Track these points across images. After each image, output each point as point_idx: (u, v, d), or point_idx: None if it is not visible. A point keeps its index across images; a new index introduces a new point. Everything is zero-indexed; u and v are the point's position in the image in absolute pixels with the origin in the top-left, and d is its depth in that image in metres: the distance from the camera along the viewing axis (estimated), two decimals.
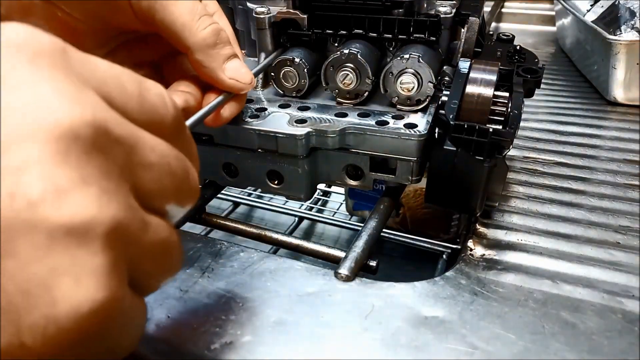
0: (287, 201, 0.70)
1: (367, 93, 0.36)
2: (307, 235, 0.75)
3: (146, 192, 0.17)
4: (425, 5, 0.37)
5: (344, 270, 0.31)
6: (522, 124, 0.52)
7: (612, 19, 0.58)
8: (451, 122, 0.30)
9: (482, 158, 0.30)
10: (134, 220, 0.16)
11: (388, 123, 0.34)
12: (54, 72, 0.15)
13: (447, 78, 0.36)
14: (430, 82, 0.34)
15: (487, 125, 0.30)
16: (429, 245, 0.55)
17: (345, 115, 0.35)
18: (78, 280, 0.14)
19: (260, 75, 0.40)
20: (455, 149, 0.30)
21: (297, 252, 0.36)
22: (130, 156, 0.16)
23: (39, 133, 0.14)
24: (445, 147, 0.31)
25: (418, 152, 0.33)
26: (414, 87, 0.34)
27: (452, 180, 0.32)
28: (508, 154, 0.47)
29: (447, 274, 0.32)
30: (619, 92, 0.55)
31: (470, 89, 0.31)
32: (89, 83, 0.16)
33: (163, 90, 0.20)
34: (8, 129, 0.14)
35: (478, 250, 0.34)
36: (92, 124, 0.15)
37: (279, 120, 0.34)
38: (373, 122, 0.34)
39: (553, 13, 0.79)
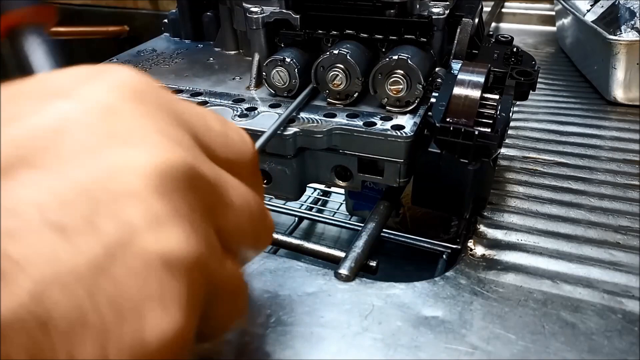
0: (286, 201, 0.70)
1: (357, 94, 0.36)
2: (307, 235, 0.75)
3: (225, 232, 0.18)
4: (418, 6, 0.37)
5: (344, 270, 0.31)
6: (522, 124, 0.52)
7: (612, 19, 0.58)
8: (436, 124, 0.30)
9: (467, 161, 0.30)
10: (214, 259, 0.16)
11: (376, 124, 0.33)
12: (154, 112, 0.16)
13: (439, 80, 0.36)
14: (419, 83, 0.34)
15: (474, 128, 0.30)
16: (429, 245, 0.55)
17: (334, 115, 0.35)
18: (166, 308, 0.14)
19: (254, 75, 0.40)
20: (440, 151, 0.30)
21: (297, 252, 0.36)
22: (215, 196, 0.17)
23: (143, 166, 0.15)
24: (429, 149, 0.30)
25: (405, 153, 0.33)
26: (403, 89, 0.34)
27: (438, 183, 0.31)
28: (507, 154, 0.47)
29: (447, 274, 0.32)
30: (619, 92, 0.55)
31: (457, 90, 0.31)
32: (182, 124, 0.17)
33: (240, 128, 0.21)
34: (117, 158, 0.15)
35: (478, 250, 0.34)
36: (187, 165, 0.16)
37: (268, 120, 0.34)
38: (361, 123, 0.34)
39: (553, 13, 0.79)
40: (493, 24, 0.84)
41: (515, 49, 0.37)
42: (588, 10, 0.64)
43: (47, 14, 0.23)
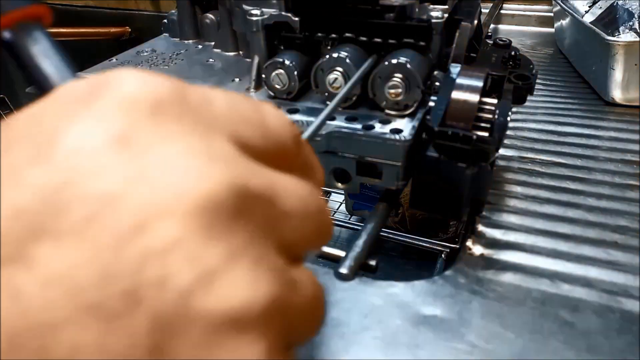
0: None
1: (355, 97, 0.36)
2: None
3: (288, 243, 0.15)
4: (417, 10, 0.37)
5: (344, 269, 0.31)
6: (520, 124, 0.53)
7: (610, 20, 0.58)
8: (435, 128, 0.30)
9: (465, 165, 0.30)
10: (285, 285, 0.14)
11: (374, 127, 0.34)
12: (179, 126, 0.13)
13: (437, 83, 0.36)
14: (418, 87, 0.34)
15: (472, 132, 0.30)
16: (428, 245, 0.55)
17: (333, 118, 0.35)
18: None
19: (254, 77, 0.40)
20: (438, 155, 0.30)
21: None
22: (270, 209, 0.14)
23: (178, 206, 0.12)
24: (427, 153, 0.31)
25: (403, 157, 0.33)
26: (401, 92, 0.34)
27: (435, 186, 0.32)
28: (505, 154, 0.47)
29: (446, 273, 0.32)
30: (617, 93, 0.56)
31: (455, 94, 0.31)
32: (216, 126, 0.14)
33: (278, 110, 0.17)
34: (142, 204, 0.12)
35: (477, 250, 0.34)
36: (232, 186, 0.13)
37: None
38: (359, 126, 0.34)
39: (551, 14, 0.80)
40: (492, 25, 0.84)
41: (513, 53, 0.38)
42: (586, 12, 0.64)
43: (43, 12, 0.21)
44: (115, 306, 0.11)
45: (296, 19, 0.38)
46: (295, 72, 0.36)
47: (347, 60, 0.35)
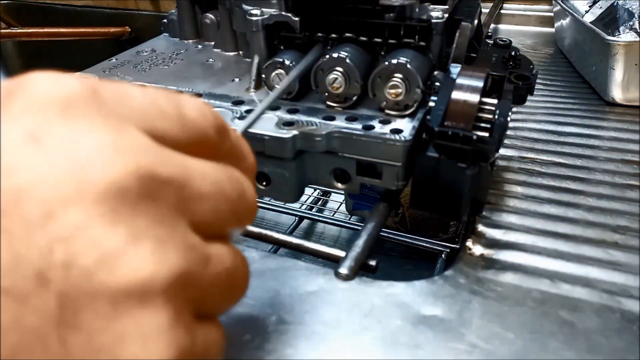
0: None
1: (356, 97, 0.36)
2: (308, 234, 0.75)
3: (203, 223, 0.16)
4: (417, 9, 0.37)
5: (344, 269, 0.31)
6: (520, 124, 0.53)
7: (610, 19, 0.58)
8: (435, 129, 0.30)
9: (465, 165, 0.30)
10: (194, 260, 0.15)
11: (374, 128, 0.34)
12: (89, 121, 0.14)
13: (437, 83, 0.36)
14: (418, 87, 0.34)
15: (472, 132, 0.30)
16: (428, 245, 0.55)
17: (333, 118, 0.35)
18: (145, 344, 0.13)
19: (253, 77, 0.40)
20: (438, 155, 0.30)
21: (297, 252, 0.36)
22: (182, 192, 0.15)
23: (82, 194, 0.13)
24: (427, 153, 0.30)
25: (403, 157, 0.33)
26: (402, 92, 0.34)
27: (435, 187, 0.32)
28: (506, 154, 0.47)
29: (446, 273, 0.32)
30: (617, 93, 0.56)
31: (456, 95, 0.31)
32: (129, 119, 0.15)
33: (198, 100, 0.18)
34: (50, 195, 0.13)
35: (477, 250, 0.34)
36: (137, 173, 0.14)
37: (267, 123, 0.34)
38: (359, 127, 0.34)
39: (552, 14, 0.80)
40: (492, 25, 0.84)
41: (513, 53, 0.38)
42: (587, 11, 0.64)
43: None
44: (26, 287, 0.12)
45: (296, 18, 0.38)
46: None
47: (347, 61, 0.35)
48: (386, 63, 0.34)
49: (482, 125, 0.30)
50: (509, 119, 0.31)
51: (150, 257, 0.14)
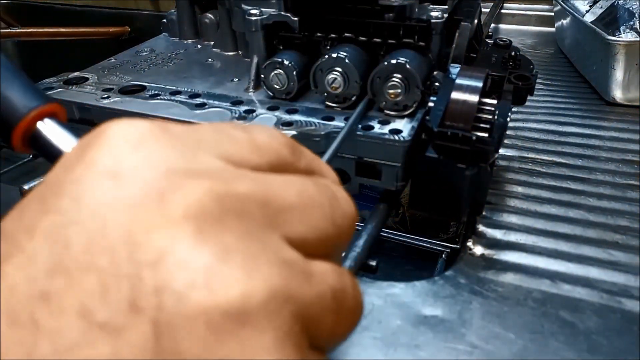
0: None
1: (355, 97, 0.36)
2: None
3: (299, 237, 0.16)
4: (417, 10, 0.37)
5: None
6: (520, 124, 0.53)
7: (611, 19, 0.58)
8: (434, 129, 0.30)
9: (464, 166, 0.30)
10: (292, 275, 0.14)
11: (373, 128, 0.33)
12: (160, 152, 0.15)
13: (437, 83, 0.36)
14: (417, 87, 0.34)
15: (471, 133, 0.30)
16: (429, 245, 0.55)
17: (332, 119, 0.35)
18: None
19: (253, 77, 0.40)
20: (437, 156, 0.30)
21: None
22: (267, 205, 0.15)
23: (162, 219, 0.13)
24: (427, 154, 0.30)
25: (402, 157, 0.33)
26: (401, 93, 0.34)
27: (435, 187, 0.31)
28: (506, 154, 0.47)
29: (447, 273, 0.32)
30: (617, 93, 0.56)
31: (455, 95, 0.31)
32: (200, 148, 0.15)
33: (265, 125, 0.19)
34: (131, 223, 0.13)
35: (477, 250, 0.34)
36: (213, 191, 0.14)
37: (266, 123, 0.34)
38: (359, 127, 0.34)
39: (552, 14, 0.80)
40: (492, 25, 0.84)
41: (513, 53, 0.38)
42: (587, 11, 0.64)
43: (57, 109, 0.23)
44: (121, 320, 0.12)
45: (295, 18, 0.37)
46: (294, 72, 0.36)
47: (347, 61, 0.34)
48: (385, 63, 0.34)
49: (482, 125, 0.30)
50: (508, 119, 0.31)
51: (241, 271, 0.13)
